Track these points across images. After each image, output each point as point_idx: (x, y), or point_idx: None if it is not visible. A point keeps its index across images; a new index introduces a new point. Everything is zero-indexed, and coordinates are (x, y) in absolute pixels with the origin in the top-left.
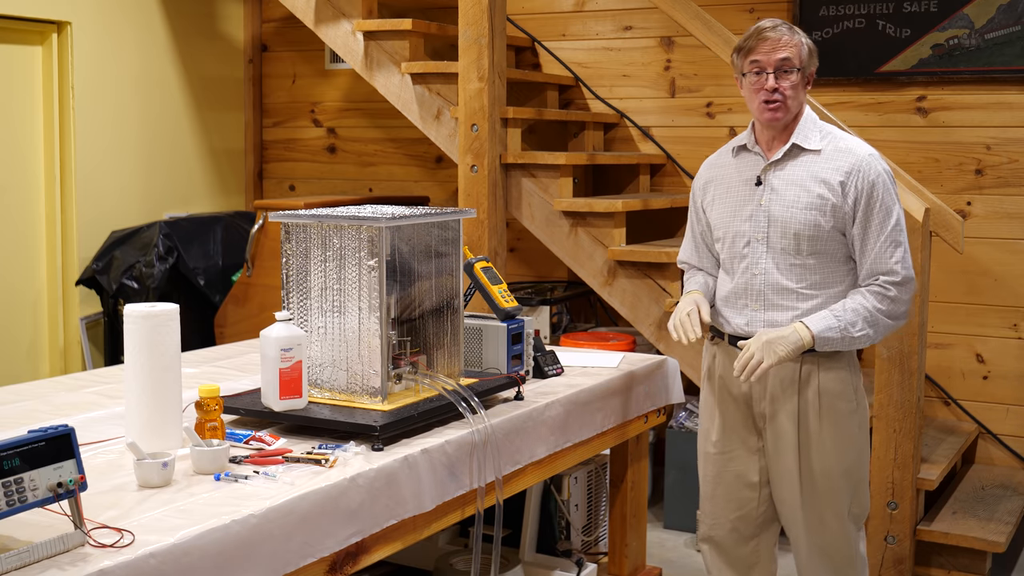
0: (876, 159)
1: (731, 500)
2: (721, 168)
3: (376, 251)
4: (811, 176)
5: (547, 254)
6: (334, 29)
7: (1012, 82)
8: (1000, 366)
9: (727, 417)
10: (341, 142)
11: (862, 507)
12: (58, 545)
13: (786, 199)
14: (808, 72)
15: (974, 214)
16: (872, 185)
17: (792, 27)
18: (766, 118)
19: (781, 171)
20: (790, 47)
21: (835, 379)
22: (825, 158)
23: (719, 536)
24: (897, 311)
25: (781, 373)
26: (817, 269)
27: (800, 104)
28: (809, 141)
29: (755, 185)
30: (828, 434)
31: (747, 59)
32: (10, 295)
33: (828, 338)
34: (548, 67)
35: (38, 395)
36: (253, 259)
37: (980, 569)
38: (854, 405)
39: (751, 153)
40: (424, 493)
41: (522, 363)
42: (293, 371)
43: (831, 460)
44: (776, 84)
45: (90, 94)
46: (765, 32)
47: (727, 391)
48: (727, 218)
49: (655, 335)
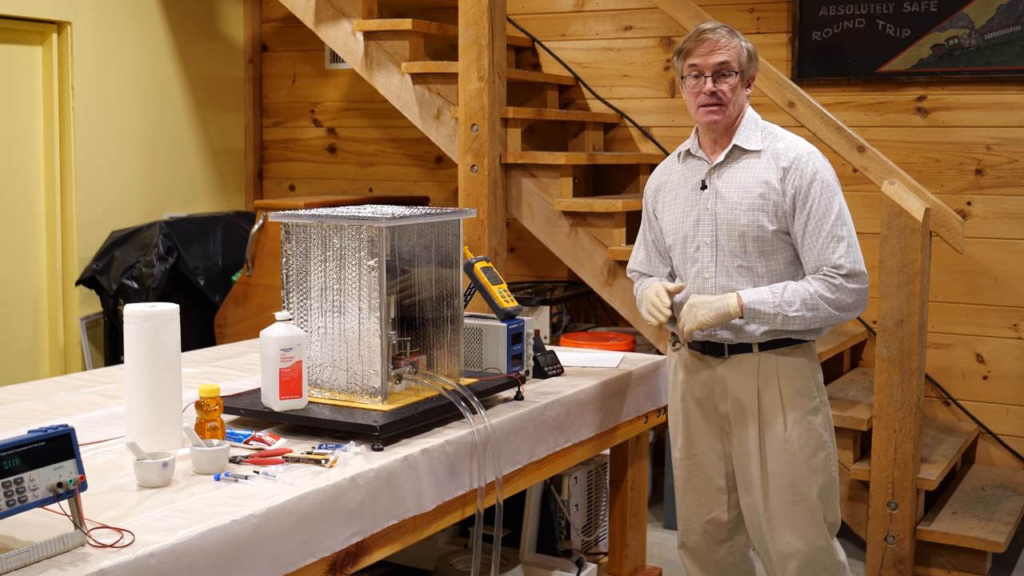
0: (815, 156)
1: (700, 504)
2: (669, 174)
3: (376, 251)
4: (753, 177)
5: (547, 254)
6: (334, 29)
7: (1012, 82)
8: (1000, 366)
9: (691, 421)
10: (341, 142)
11: (836, 513)
12: (58, 545)
13: (730, 201)
14: (748, 75)
15: (974, 214)
16: (810, 181)
17: (732, 31)
18: (705, 121)
19: (724, 174)
20: (728, 50)
21: (796, 375)
22: (765, 158)
23: (691, 541)
24: (843, 301)
25: (739, 374)
26: (765, 272)
27: (740, 106)
28: (750, 142)
29: (700, 189)
30: (793, 434)
31: (686, 62)
32: (10, 295)
33: (759, 311)
34: (548, 67)
35: (38, 395)
36: (253, 259)
37: (980, 569)
38: (817, 402)
39: (695, 158)
40: (424, 493)
41: (522, 363)
42: (293, 371)
43: (798, 463)
44: (714, 87)
45: (90, 94)
46: (703, 35)
47: (690, 394)
48: (676, 223)
49: (655, 335)
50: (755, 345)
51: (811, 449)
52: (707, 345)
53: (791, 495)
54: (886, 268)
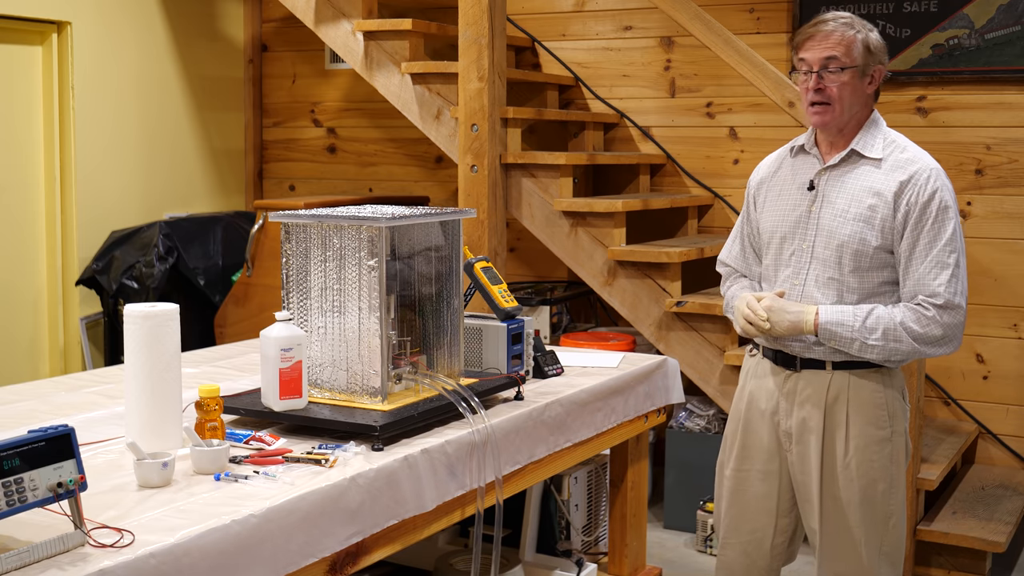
0: (938, 174)
1: (744, 520)
2: (777, 167)
3: (376, 251)
4: (866, 186)
5: (547, 254)
6: (334, 29)
7: (1012, 82)
8: (1000, 366)
9: (751, 432)
10: (341, 142)
11: (894, 545)
12: (58, 545)
13: (836, 207)
14: (870, 71)
15: (974, 214)
16: (928, 198)
17: (853, 21)
18: (813, 121)
19: (836, 177)
20: (840, 44)
21: (868, 401)
22: (885, 168)
23: (729, 558)
24: (931, 335)
25: (808, 389)
26: (857, 289)
27: (857, 107)
28: (870, 148)
29: (808, 189)
30: (854, 462)
31: (797, 55)
32: (10, 295)
33: (836, 333)
34: (548, 67)
35: (38, 395)
36: (253, 259)
37: (980, 569)
38: (887, 433)
39: (808, 155)
40: (424, 493)
41: (522, 363)
42: (293, 371)
43: (854, 490)
44: (820, 84)
45: (90, 94)
46: (817, 25)
47: (755, 405)
48: (776, 222)
49: (655, 335)
50: (828, 363)
51: (870, 479)
52: (779, 355)
53: (840, 521)
54: None
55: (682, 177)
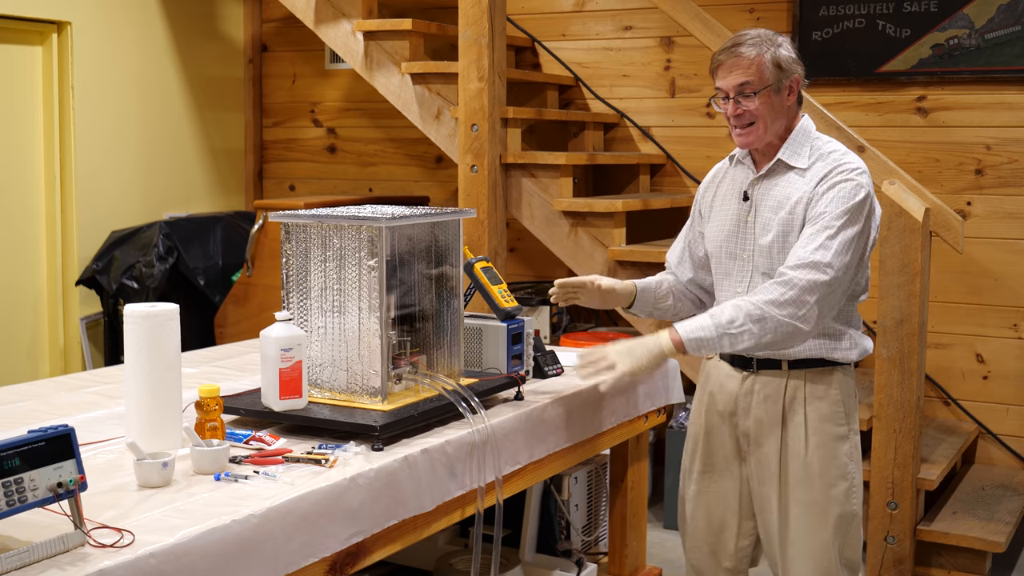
0: (862, 172)
1: (709, 523)
2: (722, 177)
3: (376, 251)
4: (789, 195)
5: (547, 254)
6: (334, 29)
7: (1012, 82)
8: (1000, 366)
9: (712, 435)
10: (341, 142)
11: (855, 550)
12: (58, 545)
13: (763, 216)
14: (783, 85)
15: (974, 214)
16: (833, 185)
17: (760, 40)
18: (739, 143)
19: (766, 187)
20: (750, 68)
21: (825, 398)
22: (808, 177)
23: (697, 560)
24: (787, 297)
25: (765, 389)
26: None
27: (781, 120)
28: (796, 158)
29: (743, 200)
30: (815, 461)
31: (714, 82)
32: (10, 295)
33: (700, 339)
34: (548, 67)
35: (38, 395)
36: (253, 259)
37: (980, 569)
38: (845, 430)
39: (744, 165)
40: (424, 493)
41: (522, 363)
42: (293, 371)
43: (816, 490)
44: (738, 110)
45: (90, 94)
46: (726, 52)
47: (714, 407)
48: (717, 232)
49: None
50: (784, 362)
51: (831, 478)
52: (736, 357)
53: (806, 524)
54: (886, 268)
55: (682, 177)
